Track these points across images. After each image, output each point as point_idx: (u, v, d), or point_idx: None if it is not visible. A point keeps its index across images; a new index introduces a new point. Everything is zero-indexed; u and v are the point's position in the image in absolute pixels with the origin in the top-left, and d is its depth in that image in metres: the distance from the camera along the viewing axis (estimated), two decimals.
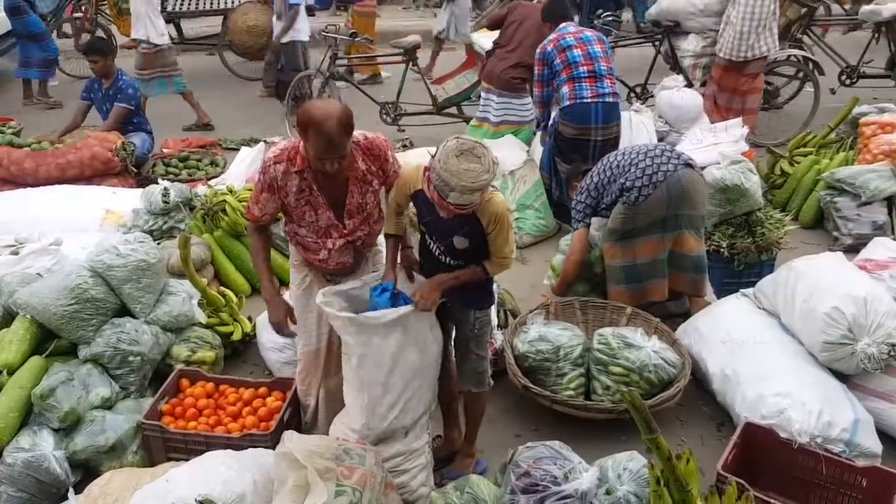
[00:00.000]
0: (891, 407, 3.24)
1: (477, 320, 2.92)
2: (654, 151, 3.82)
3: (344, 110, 2.59)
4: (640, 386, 3.38)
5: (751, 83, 6.18)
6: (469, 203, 2.47)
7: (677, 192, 3.74)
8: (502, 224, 2.66)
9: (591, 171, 4.07)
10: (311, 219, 2.88)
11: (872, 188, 4.90)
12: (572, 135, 4.84)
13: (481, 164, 2.41)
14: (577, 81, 4.73)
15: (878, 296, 3.24)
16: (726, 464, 2.78)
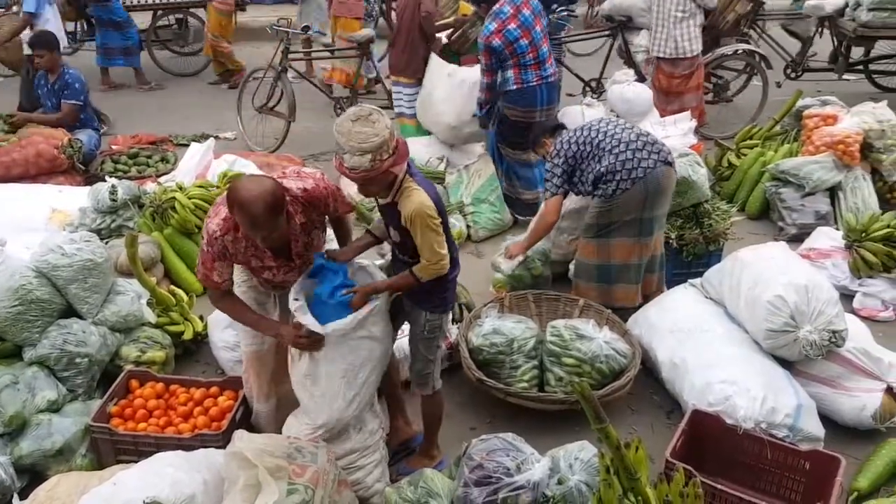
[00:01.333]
0: (832, 392, 3.34)
1: (428, 322, 2.90)
2: (637, 143, 3.76)
3: (272, 191, 2.51)
4: (592, 376, 3.43)
5: (685, 84, 6.30)
6: (359, 167, 2.47)
7: (654, 190, 3.77)
8: (416, 224, 2.63)
9: (566, 134, 3.95)
10: (257, 264, 2.86)
11: (815, 179, 5.04)
12: (518, 118, 5.00)
13: (373, 128, 2.45)
14: (522, 68, 4.89)
15: (819, 284, 3.34)
16: (674, 451, 2.84)
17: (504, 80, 4.98)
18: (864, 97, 6.64)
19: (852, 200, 5.01)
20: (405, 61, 5.76)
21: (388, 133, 2.48)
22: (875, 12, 6.88)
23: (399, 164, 2.57)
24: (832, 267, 4.41)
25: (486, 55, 4.93)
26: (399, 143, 2.56)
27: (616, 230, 3.86)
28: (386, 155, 2.49)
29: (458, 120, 5.43)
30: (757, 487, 2.97)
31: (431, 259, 2.70)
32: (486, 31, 4.88)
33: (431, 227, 2.65)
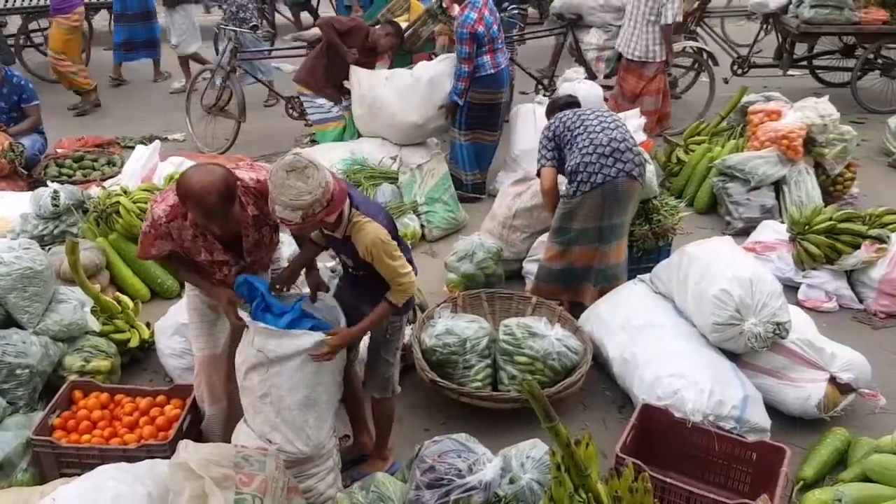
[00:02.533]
0: (778, 383, 3.42)
1: (391, 325, 2.88)
2: (606, 149, 3.74)
3: (223, 180, 2.47)
4: (545, 374, 3.45)
5: (648, 86, 6.37)
6: (291, 220, 2.42)
7: (612, 199, 3.78)
8: (377, 255, 2.61)
9: (564, 112, 4.00)
10: (206, 257, 2.80)
11: (760, 174, 5.15)
12: (489, 101, 5.47)
13: (306, 185, 2.38)
14: (495, 52, 5.34)
15: (763, 277, 3.41)
16: (624, 445, 2.87)
17: (478, 66, 5.33)
18: (809, 92, 6.79)
19: (796, 194, 5.13)
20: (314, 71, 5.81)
21: (322, 191, 2.40)
22: (817, 9, 7.06)
23: (334, 211, 2.50)
24: (777, 259, 4.51)
25: (469, 44, 5.20)
26: (335, 193, 2.47)
27: (578, 238, 3.88)
28: (319, 209, 2.42)
29: (424, 117, 5.54)
30: (706, 479, 3.01)
31: (403, 283, 2.69)
32: (469, 20, 5.15)
33: (391, 254, 2.63)
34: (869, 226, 4.43)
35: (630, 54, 6.24)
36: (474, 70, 5.30)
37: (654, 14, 6.05)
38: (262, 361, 2.67)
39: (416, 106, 5.50)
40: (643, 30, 6.12)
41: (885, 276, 4.23)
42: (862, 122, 6.97)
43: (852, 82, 7.47)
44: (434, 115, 5.53)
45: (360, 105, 5.68)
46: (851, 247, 4.34)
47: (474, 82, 5.34)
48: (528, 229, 4.63)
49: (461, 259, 4.36)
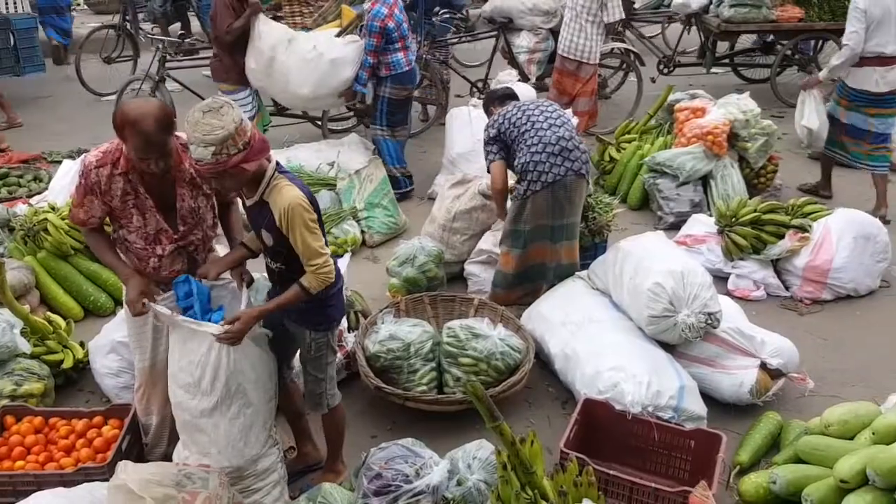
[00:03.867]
0: (712, 371, 3.54)
1: (313, 342, 2.82)
2: (555, 148, 3.76)
3: (161, 107, 2.52)
4: (489, 374, 3.49)
5: (583, 87, 6.50)
6: (203, 159, 2.37)
7: (563, 197, 3.83)
8: (292, 221, 2.50)
9: (507, 106, 3.99)
10: (139, 223, 2.75)
11: (688, 169, 5.33)
12: (405, 97, 5.75)
13: (220, 121, 2.35)
14: (407, 50, 5.58)
15: (693, 269, 3.53)
16: (568, 441, 2.92)
17: (394, 63, 5.54)
18: (731, 89, 7.07)
19: (722, 188, 5.32)
20: (225, 68, 5.71)
21: (236, 127, 2.36)
22: (736, 8, 7.35)
23: (252, 159, 2.44)
24: (707, 252, 4.67)
25: (377, 37, 5.40)
26: (254, 138, 2.44)
27: (531, 236, 3.92)
28: (234, 149, 2.37)
29: (316, 93, 5.74)
30: (647, 469, 3.10)
31: (315, 260, 2.57)
32: (380, 14, 5.33)
33: (308, 224, 2.53)
34: (792, 216, 4.62)
35: (569, 53, 6.35)
36: (390, 67, 5.53)
37: (593, 14, 6.19)
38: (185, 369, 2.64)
39: (311, 81, 5.58)
40: (582, 30, 6.25)
41: (808, 263, 4.43)
42: (782, 117, 7.29)
43: (772, 78, 7.80)
44: (326, 95, 5.72)
45: (257, 60, 5.53)
46: (776, 237, 4.53)
47: (392, 79, 5.57)
48: (468, 231, 4.67)
49: (402, 263, 4.37)
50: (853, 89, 5.29)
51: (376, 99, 5.69)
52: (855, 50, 5.05)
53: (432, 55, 7.15)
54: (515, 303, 4.14)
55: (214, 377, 2.64)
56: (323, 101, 5.92)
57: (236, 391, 2.68)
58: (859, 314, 4.37)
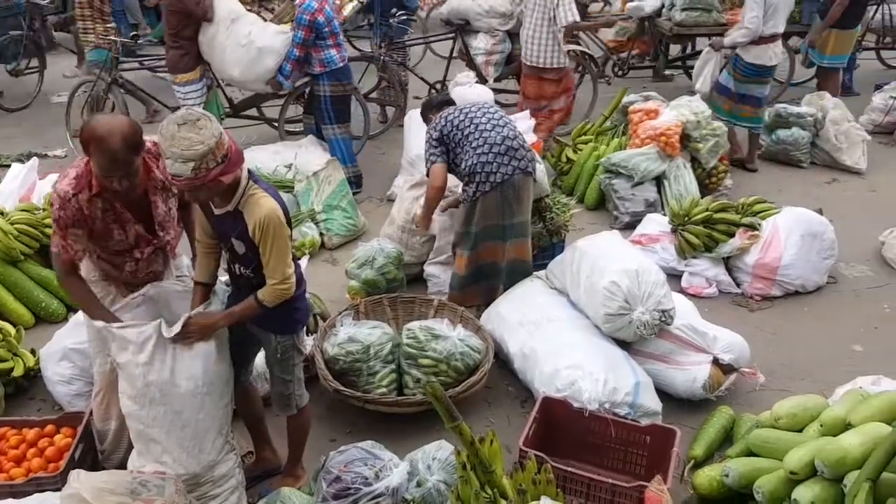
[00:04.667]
0: (666, 367, 3.61)
1: (279, 345, 2.81)
2: (501, 147, 3.78)
3: (130, 126, 2.45)
4: (449, 374, 3.50)
5: (555, 88, 6.52)
6: (181, 174, 2.33)
7: (512, 197, 3.86)
8: (267, 234, 2.49)
9: (447, 110, 4.01)
10: (120, 237, 2.71)
11: (643, 169, 5.42)
12: (342, 93, 5.76)
13: (199, 135, 2.31)
14: (339, 46, 5.65)
15: (648, 268, 3.59)
16: (527, 439, 2.95)
17: (327, 59, 5.60)
18: (683, 91, 7.19)
19: (676, 188, 5.43)
20: (178, 56, 5.74)
21: (216, 141, 2.33)
22: (687, 12, 7.52)
23: (230, 172, 2.41)
24: (661, 250, 4.76)
25: (307, 30, 5.43)
26: (231, 150, 2.41)
27: (482, 236, 3.94)
28: (213, 164, 2.34)
29: (244, 76, 5.79)
30: (604, 465, 3.15)
31: (279, 278, 2.56)
32: (311, 8, 5.36)
33: (281, 239, 2.52)
34: (742, 214, 4.74)
35: (529, 60, 6.35)
36: (324, 64, 5.58)
37: (548, 19, 6.23)
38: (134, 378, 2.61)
39: (239, 64, 5.71)
40: (540, 36, 6.27)
41: (757, 261, 4.55)
42: None
43: None
44: (254, 80, 5.82)
45: (205, 31, 5.68)
46: (727, 235, 4.64)
47: (328, 76, 5.63)
48: (426, 232, 4.68)
49: (362, 265, 4.36)
50: (749, 64, 5.98)
51: (318, 98, 5.73)
52: (756, 33, 5.81)
53: (390, 57, 7.15)
54: (473, 304, 4.16)
55: (161, 386, 2.61)
56: (253, 85, 5.99)
57: (186, 398, 2.65)
58: (807, 310, 4.50)
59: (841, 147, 6.41)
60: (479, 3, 7.24)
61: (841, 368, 3.82)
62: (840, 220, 5.16)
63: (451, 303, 4.06)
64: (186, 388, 2.64)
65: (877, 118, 7.23)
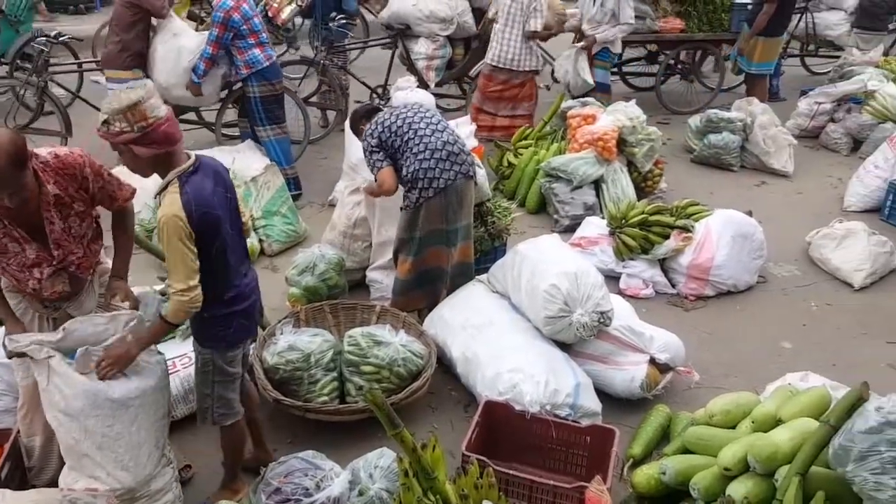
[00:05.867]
0: (605, 368, 3.67)
1: (199, 354, 2.77)
2: (442, 153, 3.78)
3: (12, 141, 2.34)
4: (392, 381, 3.49)
5: (518, 91, 6.57)
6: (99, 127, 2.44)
7: (455, 201, 3.86)
8: (162, 236, 2.45)
9: (380, 115, 3.96)
10: (16, 250, 2.59)
11: (581, 173, 5.52)
12: (272, 92, 5.68)
13: (122, 96, 2.40)
14: (262, 45, 5.53)
15: (586, 270, 3.65)
16: (470, 443, 2.96)
17: (252, 60, 5.52)
18: (619, 97, 7.36)
19: (613, 191, 5.54)
20: (117, 51, 5.67)
21: (128, 105, 2.37)
22: None
23: (145, 146, 2.42)
24: (600, 252, 4.85)
25: (221, 27, 5.38)
26: (156, 129, 2.42)
27: (426, 241, 3.93)
28: (124, 126, 2.39)
29: (167, 82, 5.66)
30: (546, 467, 3.19)
31: (175, 287, 2.47)
32: (225, 6, 5.31)
33: (177, 242, 2.43)
34: (676, 217, 4.87)
35: (502, 62, 6.43)
36: (249, 65, 5.50)
37: (522, 22, 6.30)
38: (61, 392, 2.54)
39: (166, 69, 5.64)
40: (516, 38, 6.35)
41: (691, 261, 4.67)
42: (666, 123, 7.67)
43: (656, 86, 8.19)
44: (177, 85, 5.70)
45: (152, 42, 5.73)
46: (662, 237, 4.76)
47: (255, 76, 5.55)
48: (369, 238, 4.65)
49: (302, 272, 4.31)
50: (616, 53, 6.87)
51: (248, 100, 5.66)
52: (632, 28, 6.81)
53: (330, 60, 7.10)
54: (417, 308, 4.16)
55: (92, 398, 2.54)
56: (177, 91, 5.72)
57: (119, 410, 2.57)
58: (739, 308, 4.65)
59: (769, 151, 6.66)
60: (419, 7, 7.25)
61: (771, 365, 3.96)
62: (769, 221, 5.35)
63: (393, 308, 4.05)
64: (120, 401, 2.57)
65: (802, 123, 7.54)
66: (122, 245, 2.89)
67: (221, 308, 2.66)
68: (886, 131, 6.57)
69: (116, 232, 2.90)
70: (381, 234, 4.46)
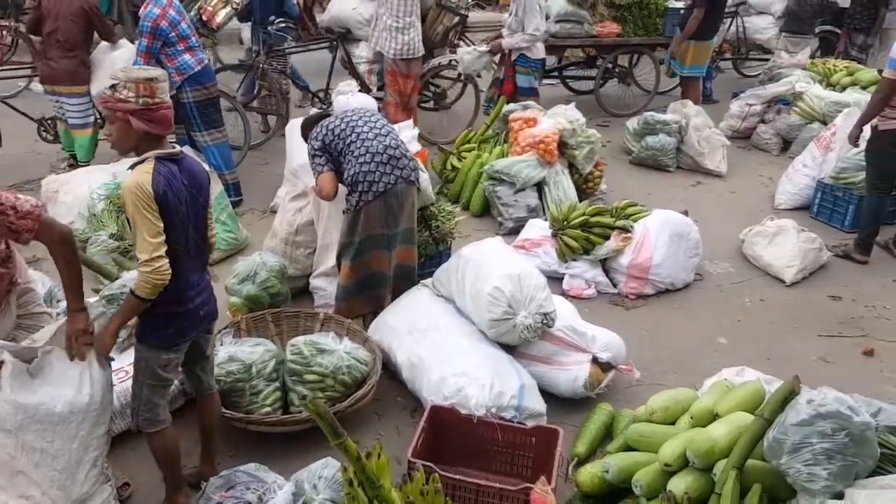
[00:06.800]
0: (549, 368, 3.71)
1: (136, 351, 2.73)
2: (383, 157, 3.78)
3: None
4: (336, 389, 3.45)
5: (412, 84, 6.66)
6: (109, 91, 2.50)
7: (395, 205, 3.85)
8: (126, 206, 2.46)
9: (326, 120, 3.98)
10: None
11: (524, 176, 5.57)
12: (208, 96, 5.61)
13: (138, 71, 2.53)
14: (192, 50, 5.46)
15: (529, 272, 3.68)
16: (416, 449, 2.95)
17: (183, 66, 5.44)
18: (561, 100, 7.48)
19: (555, 193, 5.61)
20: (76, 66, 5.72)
21: (137, 78, 2.45)
22: (561, 24, 7.79)
23: (139, 119, 2.46)
24: (543, 254, 4.90)
25: (149, 37, 5.28)
26: (158, 109, 2.50)
27: (367, 245, 3.91)
28: (130, 95, 2.45)
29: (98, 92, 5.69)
30: (493, 469, 3.19)
31: (140, 258, 2.45)
32: (152, 15, 5.22)
33: (139, 210, 2.43)
34: (616, 217, 4.96)
35: (398, 54, 6.45)
36: (181, 71, 5.42)
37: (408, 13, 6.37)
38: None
39: (100, 85, 5.64)
40: (403, 28, 6.39)
41: (631, 261, 4.77)
42: (606, 125, 7.83)
43: (595, 89, 8.35)
44: None
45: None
46: (603, 238, 4.85)
47: (188, 82, 5.48)
48: (311, 244, 4.60)
49: (243, 281, 4.23)
50: (536, 59, 6.84)
51: (183, 107, 5.55)
52: (542, 38, 6.80)
53: (270, 65, 7.00)
54: (361, 314, 4.13)
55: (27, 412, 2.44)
56: None
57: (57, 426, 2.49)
58: (677, 306, 4.77)
59: (703, 152, 6.85)
60: (359, 11, 7.24)
61: (709, 361, 4.07)
62: (704, 220, 5.50)
63: (337, 315, 4.01)
64: (59, 416, 2.48)
65: (735, 124, 7.78)
66: (64, 277, 2.67)
67: (162, 306, 2.61)
68: (814, 131, 6.84)
69: (56, 263, 2.70)
70: (326, 237, 4.41)
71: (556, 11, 7.76)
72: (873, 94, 5.22)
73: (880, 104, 4.93)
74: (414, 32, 6.47)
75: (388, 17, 6.40)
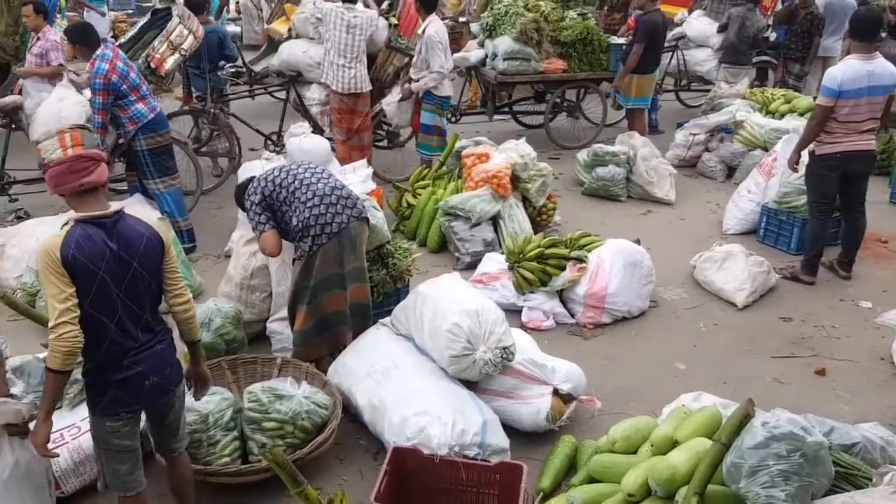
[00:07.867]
0: (511, 403, 3.71)
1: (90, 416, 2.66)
2: (331, 198, 3.81)
3: None
4: (296, 435, 3.39)
5: (364, 121, 6.72)
6: None
7: (349, 244, 3.85)
8: (39, 268, 2.41)
9: (264, 172, 4.00)
10: None
11: (479, 211, 5.63)
12: (161, 144, 5.56)
13: None
14: (143, 98, 5.42)
15: (487, 307, 3.70)
16: (379, 493, 2.89)
17: (136, 115, 5.38)
18: (513, 135, 7.60)
19: (510, 226, 5.67)
20: None
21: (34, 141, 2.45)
22: (509, 62, 7.95)
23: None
24: (501, 288, 4.93)
25: (103, 94, 5.23)
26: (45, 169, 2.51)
27: (321, 288, 3.88)
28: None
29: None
30: None
31: (49, 324, 2.35)
32: (101, 71, 5.18)
33: (49, 275, 2.34)
34: (570, 248, 5.03)
35: (346, 89, 6.55)
36: (134, 120, 5.37)
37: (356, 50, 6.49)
38: None
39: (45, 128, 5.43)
40: (350, 64, 6.50)
41: (587, 291, 4.83)
42: (557, 158, 7.97)
43: (545, 124, 8.51)
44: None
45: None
46: (559, 269, 4.90)
47: (141, 130, 5.42)
48: (267, 288, 4.55)
49: None
50: (441, 97, 6.81)
51: (136, 154, 5.51)
52: (448, 75, 6.82)
53: (220, 109, 6.98)
54: (320, 356, 4.08)
55: None
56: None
57: None
58: (635, 333, 4.83)
59: (652, 181, 7.02)
60: (309, 55, 7.30)
61: (668, 387, 4.11)
62: (656, 247, 5.61)
63: (295, 359, 3.96)
64: None
65: (681, 153, 8.00)
66: None
67: (93, 374, 2.54)
68: (756, 158, 7.06)
69: None
70: (282, 283, 4.37)
71: (504, 49, 7.93)
72: (808, 121, 5.43)
73: (815, 130, 5.13)
74: (359, 69, 6.58)
75: (334, 55, 6.52)
